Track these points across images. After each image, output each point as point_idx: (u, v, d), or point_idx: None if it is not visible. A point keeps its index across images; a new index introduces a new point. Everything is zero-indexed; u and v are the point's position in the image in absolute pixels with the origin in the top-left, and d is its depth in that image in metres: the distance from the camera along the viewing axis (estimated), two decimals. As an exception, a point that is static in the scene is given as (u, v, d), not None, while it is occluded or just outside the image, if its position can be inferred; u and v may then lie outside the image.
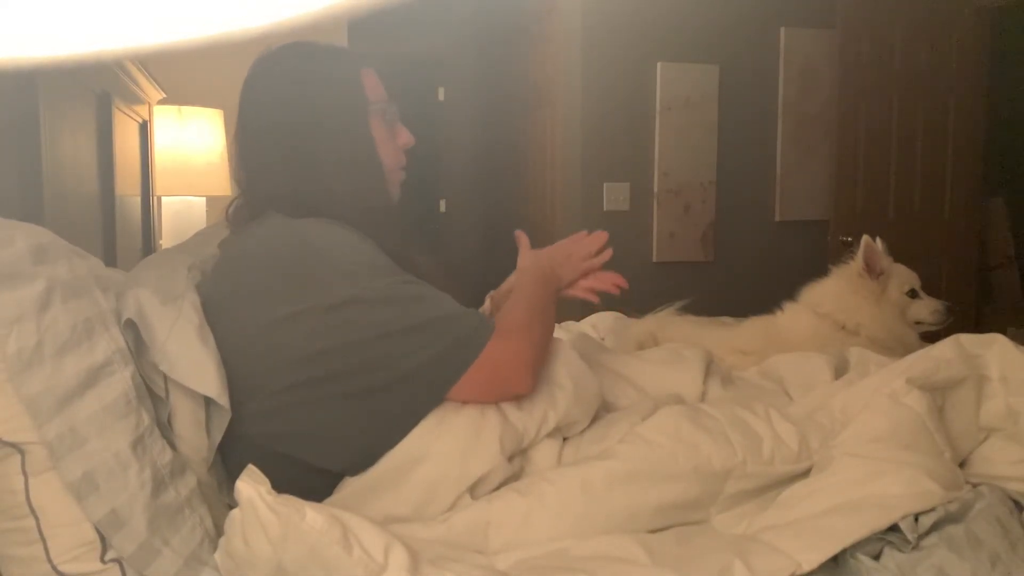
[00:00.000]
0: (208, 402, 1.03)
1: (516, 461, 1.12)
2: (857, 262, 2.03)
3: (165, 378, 1.01)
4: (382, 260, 1.10)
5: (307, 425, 1.07)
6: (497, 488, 1.08)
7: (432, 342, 1.06)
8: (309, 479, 1.04)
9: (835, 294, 2.04)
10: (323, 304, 1.04)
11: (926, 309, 2.10)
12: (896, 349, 1.87)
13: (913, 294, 2.10)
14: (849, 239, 2.12)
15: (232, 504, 1.01)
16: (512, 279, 1.44)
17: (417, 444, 1.06)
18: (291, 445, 1.07)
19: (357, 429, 1.07)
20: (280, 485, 0.90)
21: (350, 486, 1.06)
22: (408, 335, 1.05)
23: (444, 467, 1.05)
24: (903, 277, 2.10)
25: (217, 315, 1.07)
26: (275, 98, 1.19)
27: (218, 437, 1.03)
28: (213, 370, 1.01)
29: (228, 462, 1.09)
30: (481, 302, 1.45)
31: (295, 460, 1.07)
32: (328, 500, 1.05)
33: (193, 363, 1.00)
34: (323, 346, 1.04)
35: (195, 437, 1.03)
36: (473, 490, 1.07)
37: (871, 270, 2.03)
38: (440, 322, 1.07)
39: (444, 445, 1.06)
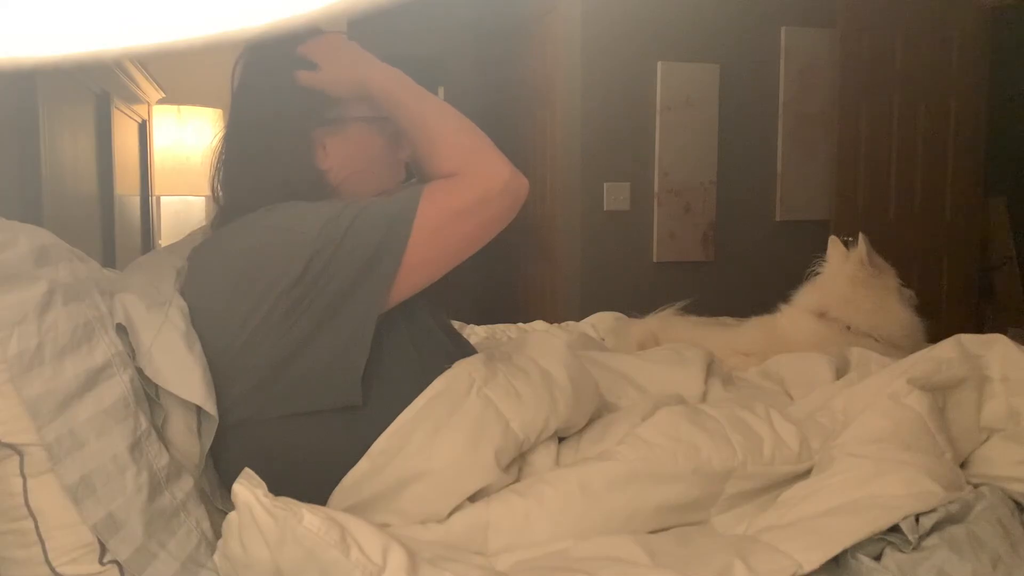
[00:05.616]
0: (199, 408, 1.02)
1: (514, 467, 1.11)
2: (860, 251, 2.00)
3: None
4: (326, 209, 1.06)
5: (289, 374, 1.04)
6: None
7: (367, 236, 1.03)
8: (301, 479, 1.03)
9: (840, 293, 2.01)
10: (286, 283, 1.02)
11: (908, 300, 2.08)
12: (905, 347, 1.85)
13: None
14: (849, 239, 2.11)
15: (223, 509, 1.01)
16: None
17: (413, 461, 1.04)
18: (284, 404, 1.05)
19: (339, 348, 1.04)
20: (271, 487, 0.89)
21: (343, 503, 1.05)
22: (351, 251, 1.03)
23: (439, 485, 1.04)
24: (892, 270, 2.08)
25: (195, 320, 1.06)
26: (235, 99, 1.19)
27: (208, 443, 1.03)
28: (199, 376, 1.00)
29: (220, 466, 1.09)
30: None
31: (286, 459, 1.06)
32: None
33: (178, 369, 0.99)
34: (295, 318, 1.02)
35: (187, 443, 1.03)
36: (470, 497, 1.06)
37: (873, 264, 2.02)
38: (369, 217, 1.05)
39: (439, 462, 1.04)
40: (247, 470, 0.93)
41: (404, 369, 1.09)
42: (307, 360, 1.04)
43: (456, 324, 2.02)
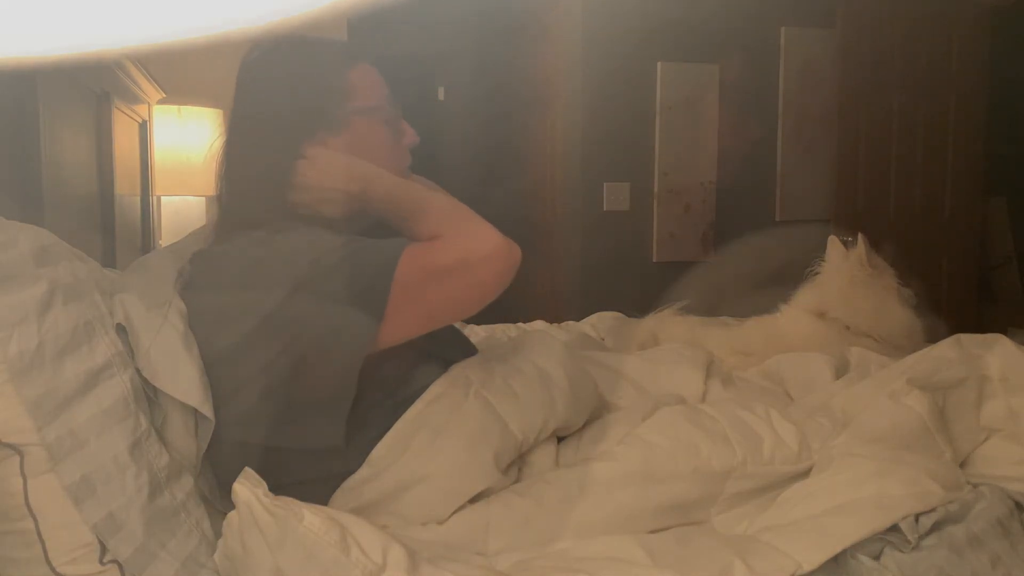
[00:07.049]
0: (196, 410, 1.02)
1: (513, 468, 1.11)
2: (860, 251, 2.00)
3: None
4: (331, 243, 1.05)
5: (274, 406, 1.04)
6: (494, 493, 1.08)
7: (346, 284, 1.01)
8: (299, 482, 1.03)
9: (840, 293, 2.01)
10: (269, 307, 1.01)
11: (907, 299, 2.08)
12: (905, 347, 1.85)
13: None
14: (849, 239, 2.10)
15: (223, 511, 1.01)
16: None
17: (412, 465, 1.04)
18: (269, 436, 1.04)
19: (322, 392, 1.04)
20: (270, 489, 0.89)
21: (343, 507, 1.04)
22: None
23: (439, 490, 1.04)
24: (891, 270, 2.07)
25: (194, 328, 1.06)
26: (237, 102, 1.17)
27: (204, 445, 1.02)
28: (196, 379, 1.00)
29: (218, 468, 1.09)
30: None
31: (281, 465, 1.05)
32: None
33: (176, 371, 0.99)
34: (277, 348, 1.02)
35: (186, 444, 1.03)
36: (470, 498, 1.06)
37: (872, 264, 2.02)
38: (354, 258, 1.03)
39: (438, 467, 1.04)
40: (247, 469, 0.93)
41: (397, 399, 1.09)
42: (291, 397, 1.03)
43: (456, 324, 2.02)
